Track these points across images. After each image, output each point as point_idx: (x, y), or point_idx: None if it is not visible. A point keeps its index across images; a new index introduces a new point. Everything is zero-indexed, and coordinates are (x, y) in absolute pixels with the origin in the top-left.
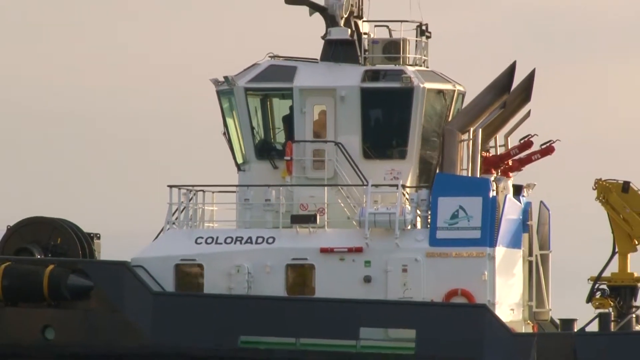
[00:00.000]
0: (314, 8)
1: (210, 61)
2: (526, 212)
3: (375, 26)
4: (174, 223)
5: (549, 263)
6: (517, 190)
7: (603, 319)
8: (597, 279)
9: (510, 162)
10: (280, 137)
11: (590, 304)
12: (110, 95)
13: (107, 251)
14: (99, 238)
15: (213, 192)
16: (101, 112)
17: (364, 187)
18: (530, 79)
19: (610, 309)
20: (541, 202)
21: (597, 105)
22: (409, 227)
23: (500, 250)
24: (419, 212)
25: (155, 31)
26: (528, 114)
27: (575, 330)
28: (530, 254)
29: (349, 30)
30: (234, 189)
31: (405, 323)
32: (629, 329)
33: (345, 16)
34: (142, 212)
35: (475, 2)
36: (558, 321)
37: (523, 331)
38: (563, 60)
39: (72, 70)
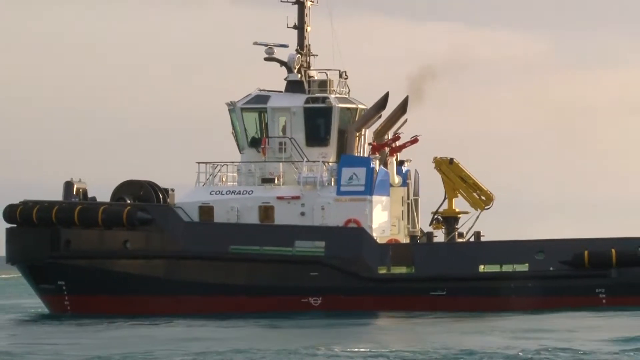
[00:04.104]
0: (281, 63)
1: (228, 92)
2: (406, 175)
3: (318, 72)
4: (200, 183)
5: (419, 203)
6: (401, 163)
7: (428, 235)
8: (435, 212)
9: (388, 148)
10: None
11: (431, 226)
12: (173, 109)
13: (178, 198)
14: (173, 191)
15: (220, 165)
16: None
17: (303, 162)
18: (405, 101)
19: (442, 230)
20: (415, 169)
21: (446, 115)
22: (326, 185)
23: (375, 197)
24: (333, 177)
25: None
26: (406, 121)
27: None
28: (408, 198)
29: (299, 75)
30: (235, 164)
31: (320, 238)
32: (453, 241)
33: (298, 67)
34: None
35: (383, 57)
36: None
37: (403, 242)
38: None
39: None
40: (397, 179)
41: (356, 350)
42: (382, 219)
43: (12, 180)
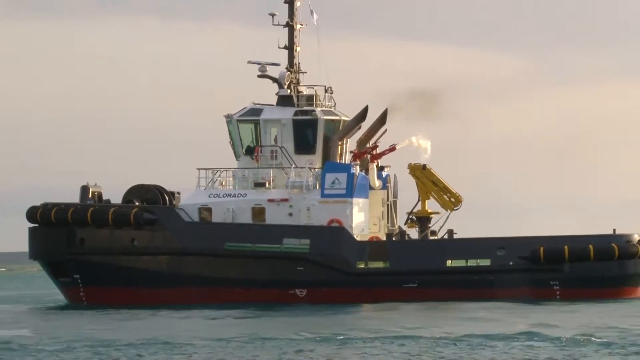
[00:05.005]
0: (273, 79)
1: (226, 105)
2: (385, 179)
3: (307, 87)
4: (201, 187)
5: (397, 204)
6: (381, 168)
7: (401, 233)
8: (410, 212)
9: (369, 155)
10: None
11: (406, 225)
12: (178, 120)
13: (181, 200)
14: (179, 193)
15: (220, 171)
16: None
17: (292, 168)
18: (384, 114)
19: (416, 229)
20: (394, 174)
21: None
22: (312, 189)
23: (355, 200)
24: (318, 181)
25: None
26: (385, 131)
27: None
28: (388, 200)
29: (289, 90)
30: (231, 170)
31: (306, 236)
32: (425, 238)
33: (288, 83)
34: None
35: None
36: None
37: (382, 239)
38: None
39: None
40: (377, 183)
41: (339, 337)
42: (362, 219)
43: (39, 184)
